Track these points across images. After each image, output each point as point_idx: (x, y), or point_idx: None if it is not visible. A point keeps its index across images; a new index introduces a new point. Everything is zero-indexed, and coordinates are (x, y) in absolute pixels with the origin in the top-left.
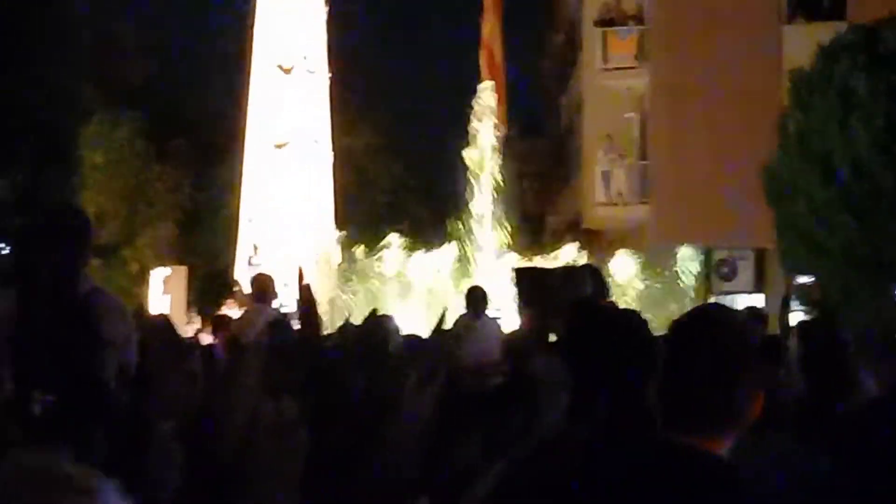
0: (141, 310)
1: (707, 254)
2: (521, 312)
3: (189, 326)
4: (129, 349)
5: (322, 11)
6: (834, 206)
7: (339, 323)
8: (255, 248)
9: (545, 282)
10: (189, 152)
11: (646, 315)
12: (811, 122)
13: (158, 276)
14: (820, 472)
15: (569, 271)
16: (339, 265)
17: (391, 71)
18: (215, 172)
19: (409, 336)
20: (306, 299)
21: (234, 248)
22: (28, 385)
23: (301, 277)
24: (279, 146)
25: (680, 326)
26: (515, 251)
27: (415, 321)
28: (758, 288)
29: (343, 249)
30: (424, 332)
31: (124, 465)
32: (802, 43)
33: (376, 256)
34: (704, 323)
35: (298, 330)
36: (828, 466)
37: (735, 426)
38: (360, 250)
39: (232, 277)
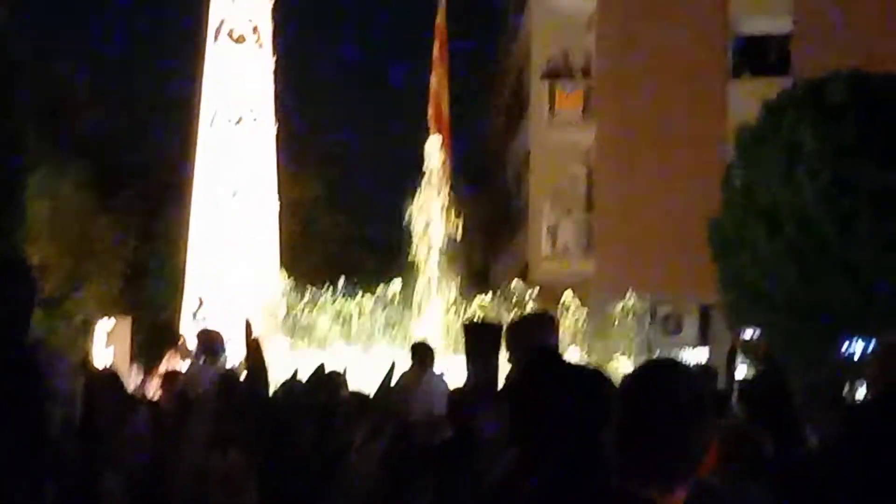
0: (86, 362)
1: (652, 307)
2: (468, 366)
3: (133, 379)
4: (73, 402)
5: (270, 62)
6: (779, 259)
7: (286, 376)
8: (201, 300)
9: (495, 335)
10: (135, 203)
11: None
12: (757, 176)
13: (102, 328)
14: None
15: (540, 318)
16: (284, 319)
17: (339, 121)
18: (162, 223)
19: (356, 391)
20: (254, 354)
21: (180, 300)
22: None
23: (249, 331)
24: (225, 198)
25: (634, 381)
26: (462, 304)
27: (360, 370)
28: (702, 342)
29: (289, 301)
30: (371, 383)
31: None
32: (748, 97)
33: (321, 303)
34: (659, 377)
35: (246, 384)
36: None
37: (688, 477)
38: (305, 301)
39: (177, 330)
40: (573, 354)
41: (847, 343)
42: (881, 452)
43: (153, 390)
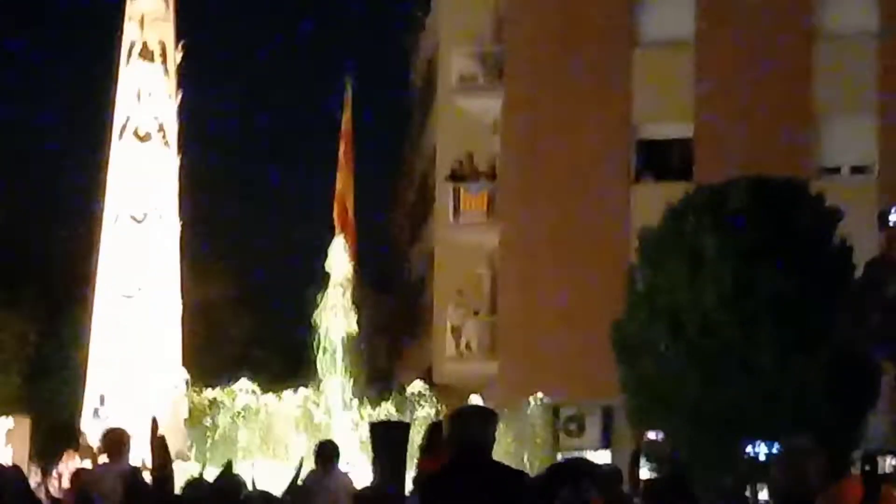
0: None
1: (555, 409)
2: (374, 465)
3: (31, 480)
4: None
5: (175, 160)
6: (682, 362)
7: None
8: (102, 398)
9: (401, 434)
10: (37, 301)
11: None
12: (659, 280)
13: (1, 427)
14: None
15: (481, 412)
16: (186, 419)
17: (244, 220)
18: (63, 321)
19: (263, 490)
20: (160, 452)
21: (81, 398)
22: None
23: (154, 429)
24: (128, 296)
25: (545, 481)
26: (364, 404)
27: (265, 467)
28: (605, 444)
29: (192, 400)
30: (276, 479)
31: None
32: (651, 201)
33: (224, 397)
34: (571, 478)
35: (152, 483)
36: None
37: None
38: (209, 395)
39: (77, 429)
40: None
41: (750, 446)
42: None
43: (54, 489)
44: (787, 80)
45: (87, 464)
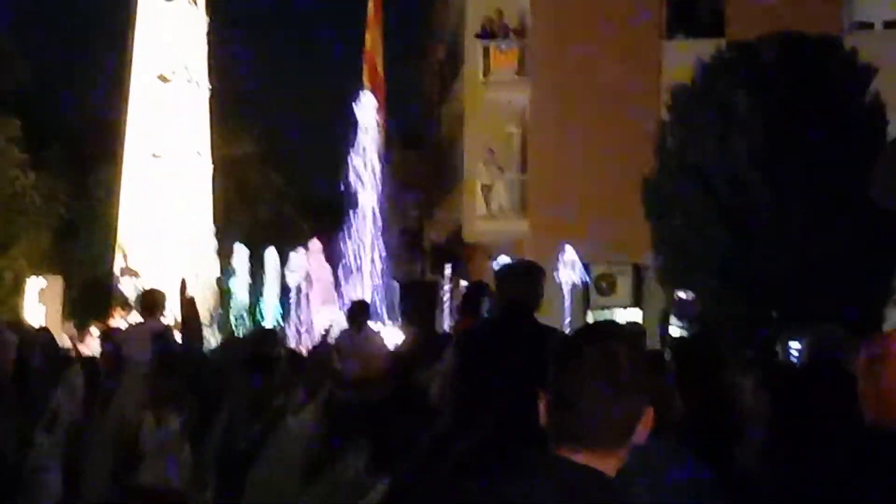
0: (19, 321)
1: (585, 268)
2: (405, 324)
3: (64, 337)
4: (4, 358)
5: (203, 22)
6: (711, 220)
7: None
8: (125, 257)
9: (432, 293)
10: (66, 161)
11: None
12: (690, 137)
13: (34, 287)
14: (702, 481)
15: (528, 268)
16: (218, 278)
17: (273, 82)
18: (93, 181)
19: (292, 349)
20: (189, 312)
21: (111, 258)
22: None
23: (183, 290)
24: (157, 156)
25: (573, 341)
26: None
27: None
28: (636, 302)
29: (222, 260)
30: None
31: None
32: (682, 58)
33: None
34: (598, 338)
35: (181, 342)
36: (708, 475)
37: (626, 441)
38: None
39: (114, 287)
40: None
41: (778, 312)
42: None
43: (88, 348)
44: None
45: (122, 323)
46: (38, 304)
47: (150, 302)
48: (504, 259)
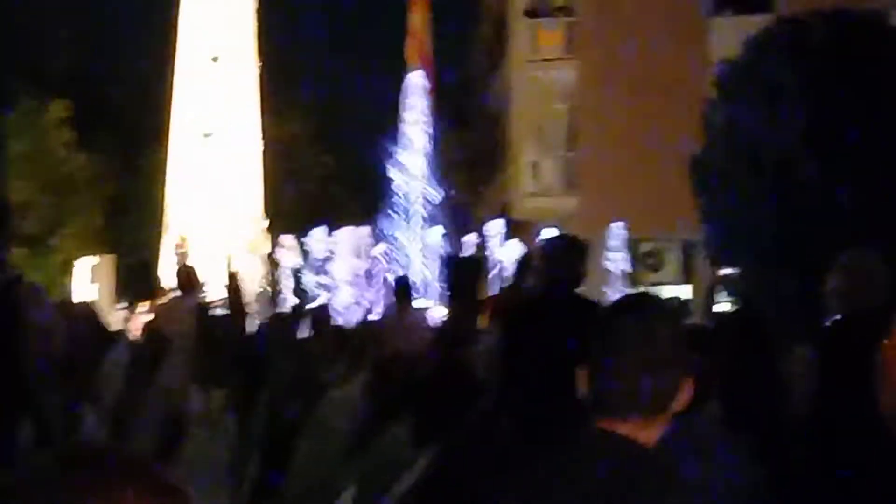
0: (67, 300)
1: (634, 244)
2: (450, 300)
3: (117, 316)
4: (53, 334)
5: (251, 1)
6: (760, 199)
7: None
8: (182, 237)
9: (477, 269)
10: (115, 141)
11: None
12: (738, 114)
13: (86, 266)
14: (740, 460)
15: (572, 243)
16: (269, 254)
17: (321, 61)
18: (142, 161)
19: (337, 325)
20: (234, 288)
21: (161, 237)
22: None
23: (229, 266)
24: (207, 135)
25: (611, 313)
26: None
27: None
28: (684, 279)
29: (272, 238)
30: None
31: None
32: (730, 35)
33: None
34: (636, 310)
35: (225, 318)
36: (747, 454)
37: (665, 413)
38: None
39: (159, 268)
40: None
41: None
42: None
43: (135, 326)
44: None
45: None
46: (91, 283)
47: (186, 277)
48: (548, 232)
